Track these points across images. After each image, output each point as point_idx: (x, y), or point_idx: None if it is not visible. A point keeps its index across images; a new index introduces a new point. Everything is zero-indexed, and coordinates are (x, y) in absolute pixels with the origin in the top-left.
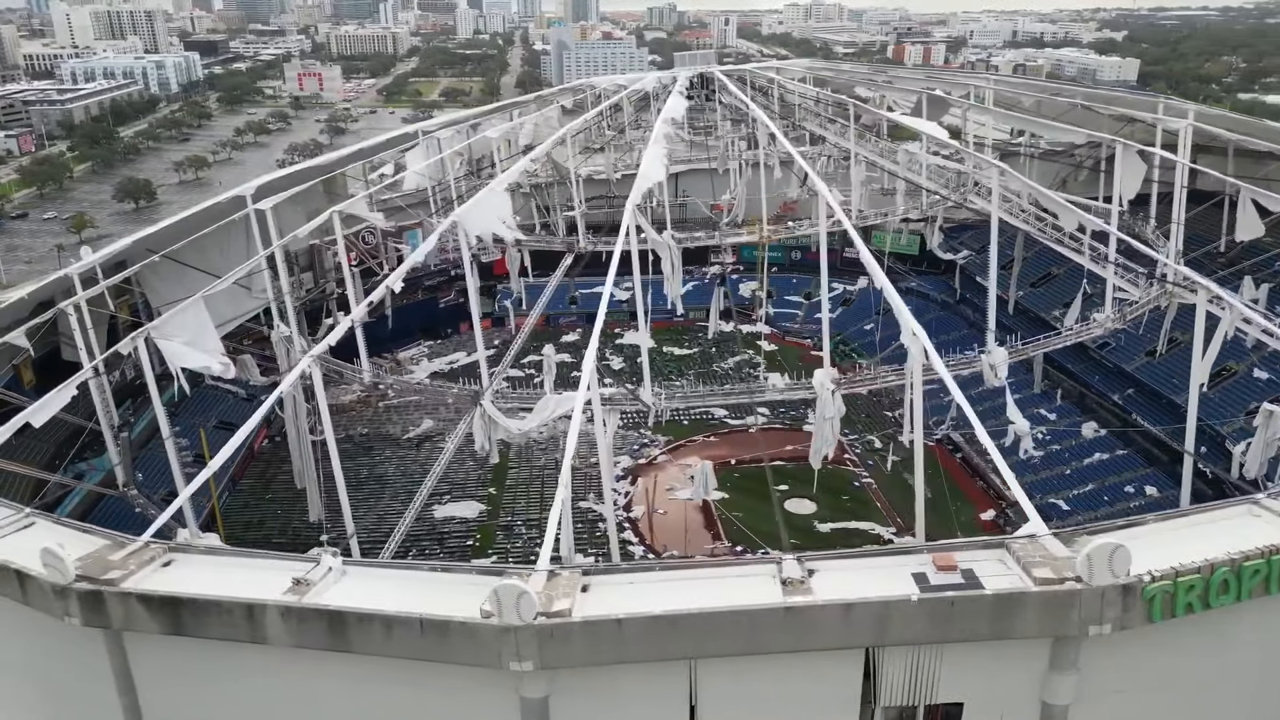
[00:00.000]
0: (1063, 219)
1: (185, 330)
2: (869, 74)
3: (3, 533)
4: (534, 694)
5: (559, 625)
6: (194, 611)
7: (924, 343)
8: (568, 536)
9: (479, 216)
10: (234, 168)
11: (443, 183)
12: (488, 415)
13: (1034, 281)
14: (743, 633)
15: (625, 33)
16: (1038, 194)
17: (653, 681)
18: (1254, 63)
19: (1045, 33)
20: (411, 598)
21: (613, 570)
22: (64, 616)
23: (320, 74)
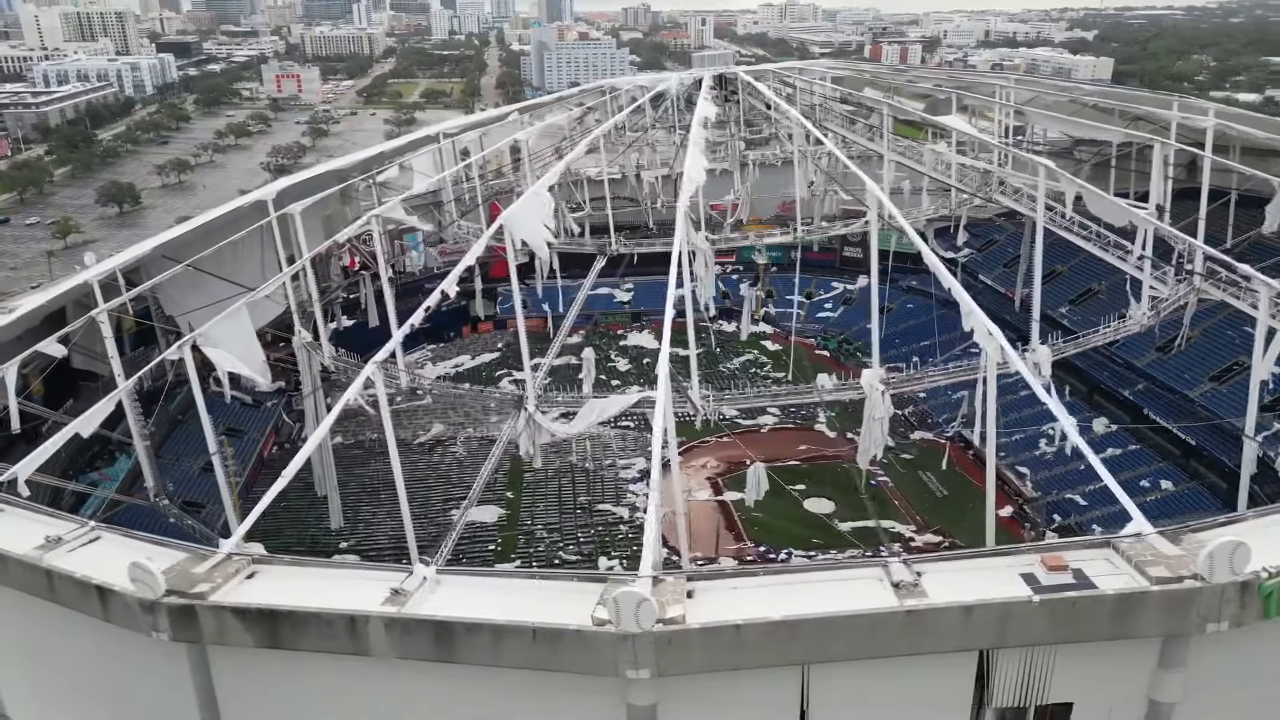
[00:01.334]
0: (1113, 217)
1: (229, 339)
2: (891, 73)
3: (69, 547)
4: (642, 701)
5: (677, 632)
6: (293, 624)
7: (1000, 341)
8: (655, 543)
9: (525, 218)
10: (217, 171)
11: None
12: (533, 420)
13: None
14: (862, 637)
15: (601, 33)
16: (1086, 192)
17: (764, 687)
18: (1223, 61)
19: (1017, 32)
20: (513, 606)
21: (717, 575)
22: (150, 632)
23: (298, 75)
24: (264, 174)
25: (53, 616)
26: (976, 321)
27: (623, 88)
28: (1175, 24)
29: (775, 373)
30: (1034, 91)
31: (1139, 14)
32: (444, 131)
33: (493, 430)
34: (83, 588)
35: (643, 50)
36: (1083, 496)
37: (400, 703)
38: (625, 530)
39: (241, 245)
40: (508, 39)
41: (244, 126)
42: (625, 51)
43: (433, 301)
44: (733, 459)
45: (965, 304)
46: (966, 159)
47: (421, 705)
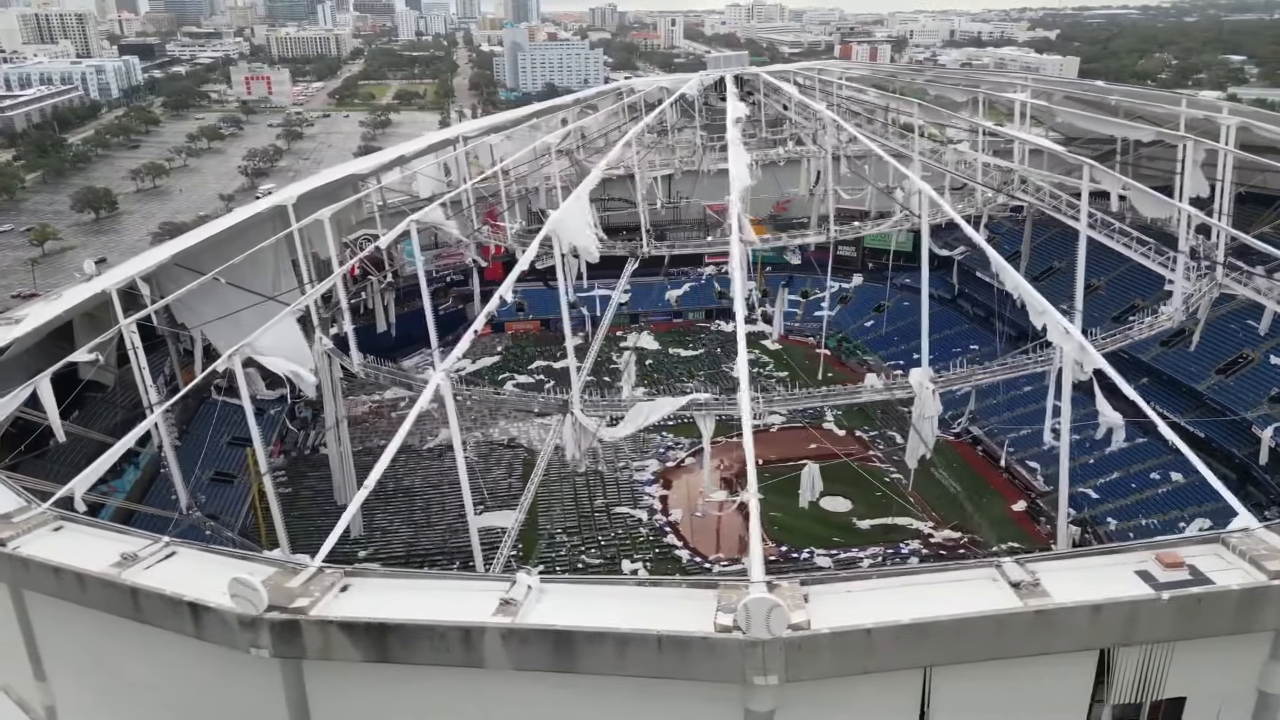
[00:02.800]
0: (1157, 212)
1: (278, 347)
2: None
3: (146, 564)
4: (762, 707)
5: (807, 637)
6: (404, 638)
7: (1078, 339)
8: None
9: (570, 224)
10: (192, 175)
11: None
12: (578, 423)
13: (1037, 275)
14: (990, 638)
15: (570, 34)
16: (1131, 188)
17: (884, 690)
18: (1184, 59)
19: (981, 32)
20: (626, 614)
21: (830, 579)
22: (249, 649)
23: (268, 78)
24: (241, 178)
25: (133, 635)
26: (1050, 320)
27: (641, 89)
28: (1134, 23)
29: (778, 372)
30: (1052, 91)
31: (1096, 13)
32: (463, 134)
33: (501, 434)
34: (173, 605)
35: (613, 51)
36: (1095, 490)
37: (511, 714)
38: (645, 533)
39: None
40: (476, 40)
41: (216, 130)
42: (599, 52)
43: (493, 307)
44: (744, 459)
45: (1037, 303)
46: (989, 158)
47: (532, 716)
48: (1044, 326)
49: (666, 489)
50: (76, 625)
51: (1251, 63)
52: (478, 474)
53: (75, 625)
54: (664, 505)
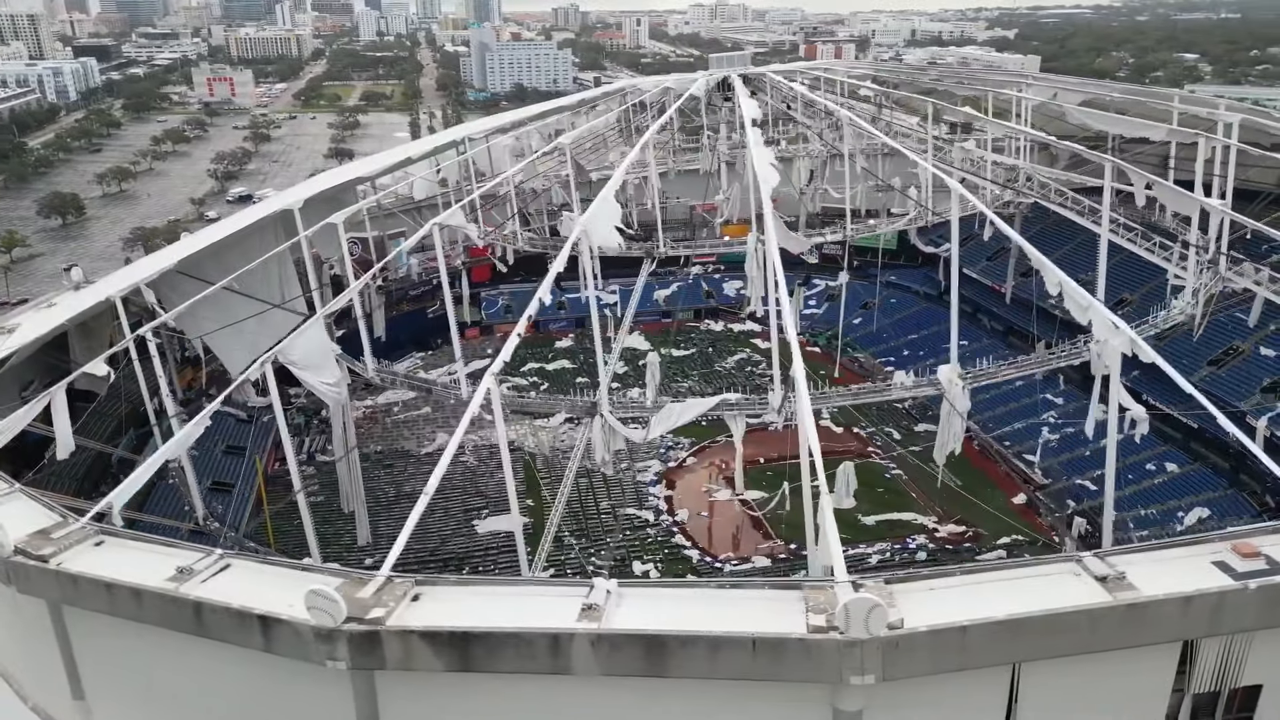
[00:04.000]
0: (1183, 207)
1: (308, 354)
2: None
3: (202, 578)
4: (852, 706)
5: (904, 636)
6: (488, 646)
7: (1129, 334)
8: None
9: (600, 224)
10: (159, 179)
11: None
12: (608, 425)
13: (1023, 272)
14: (1082, 632)
15: (533, 34)
16: (1157, 184)
17: (974, 686)
18: (1140, 58)
19: (942, 31)
20: (712, 617)
21: (913, 578)
22: (325, 661)
23: (231, 79)
24: (210, 180)
25: (191, 650)
26: (1097, 314)
27: (645, 89)
28: (1089, 23)
29: (770, 370)
30: (1054, 88)
31: (1051, 12)
32: (469, 135)
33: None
34: (242, 618)
35: (579, 51)
36: (1092, 481)
37: (591, 719)
38: (653, 534)
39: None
40: (440, 40)
41: (180, 132)
42: (568, 53)
43: (533, 310)
44: (747, 457)
45: (1082, 298)
46: (997, 156)
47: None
48: (1089, 321)
49: (670, 489)
50: (123, 642)
51: (1204, 60)
52: (479, 478)
53: (122, 642)
54: (670, 506)
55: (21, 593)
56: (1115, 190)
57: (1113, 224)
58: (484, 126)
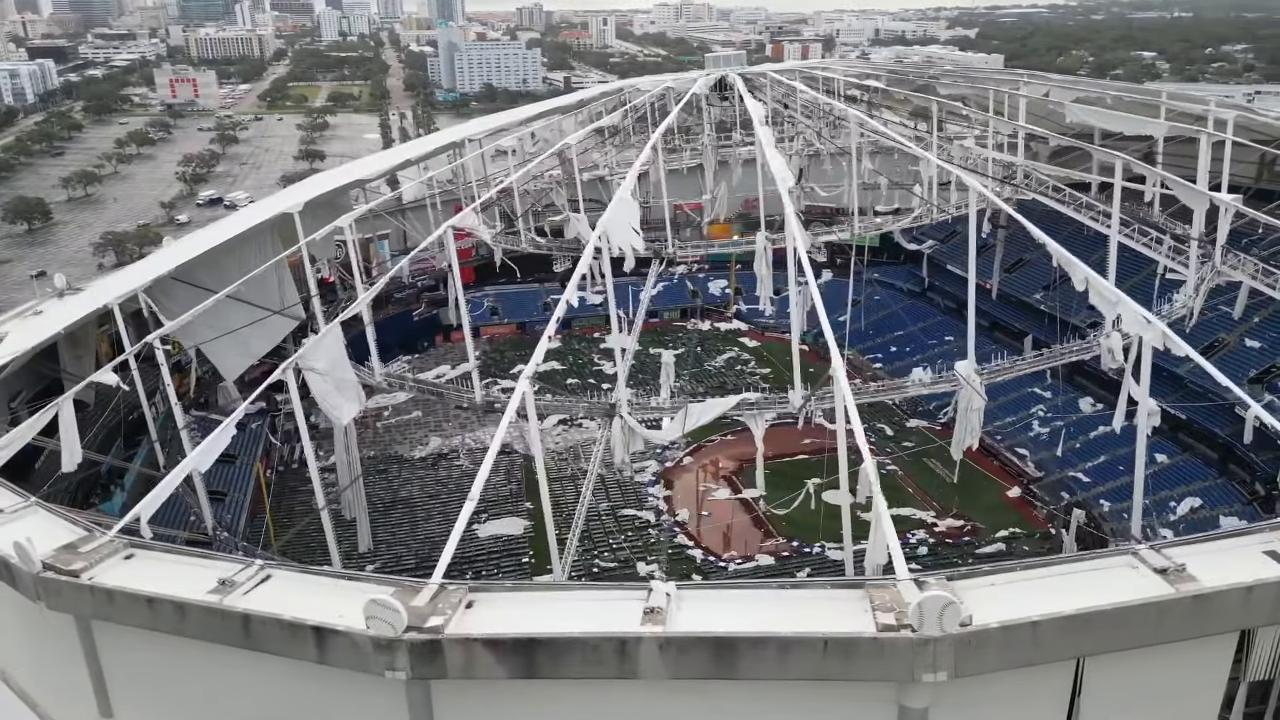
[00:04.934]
0: (1194, 202)
1: (326, 360)
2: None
3: (244, 589)
4: (918, 703)
5: (977, 633)
6: (553, 652)
7: (1161, 328)
8: (896, 546)
9: (619, 224)
10: (125, 182)
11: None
12: (627, 426)
13: (1008, 268)
14: (1149, 625)
15: (498, 33)
16: (1169, 180)
17: (1039, 681)
18: (1099, 56)
19: (905, 31)
20: (775, 617)
21: (974, 574)
22: (384, 672)
23: (194, 80)
24: (179, 184)
25: (235, 663)
26: (1126, 309)
27: (645, 89)
28: (1046, 21)
29: (760, 369)
30: (1047, 86)
31: (1008, 11)
32: (469, 136)
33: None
34: (294, 630)
35: (547, 51)
36: (1085, 474)
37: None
38: (655, 534)
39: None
40: (404, 40)
41: (145, 134)
42: (536, 53)
43: (561, 313)
44: (743, 456)
45: (1110, 293)
46: (997, 154)
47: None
48: (1117, 316)
49: (669, 489)
50: (159, 656)
51: (1162, 58)
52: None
53: (157, 656)
54: (670, 506)
55: (51, 609)
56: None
57: (1105, 218)
58: (483, 128)
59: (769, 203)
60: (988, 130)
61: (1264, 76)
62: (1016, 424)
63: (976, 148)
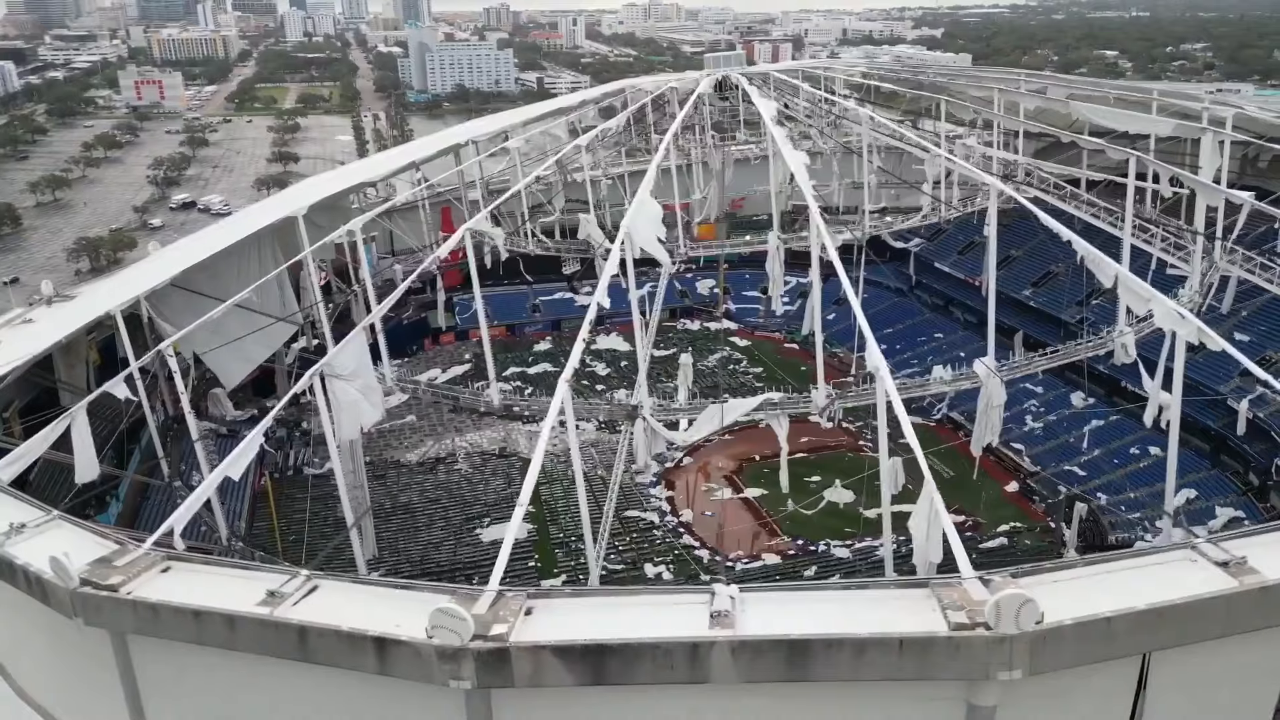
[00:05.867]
0: (1206, 198)
1: (353, 365)
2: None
3: (294, 600)
4: (987, 701)
5: (1053, 630)
6: (624, 658)
7: (1197, 324)
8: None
9: (643, 226)
10: (94, 186)
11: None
12: (649, 428)
13: (996, 264)
14: (1217, 618)
15: (466, 34)
16: (1182, 177)
17: (1105, 677)
18: (1064, 55)
19: (872, 30)
20: (843, 618)
21: (1038, 570)
22: (449, 682)
23: (160, 81)
24: (150, 187)
25: (285, 676)
26: (1158, 305)
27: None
28: (1009, 21)
29: (753, 368)
30: (1043, 84)
31: (971, 11)
32: (473, 137)
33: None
34: (353, 641)
35: (518, 52)
36: (1080, 467)
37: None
38: (660, 535)
39: (248, 267)
40: (371, 40)
41: (112, 138)
42: (509, 53)
43: (593, 315)
44: (743, 455)
45: (1143, 290)
46: (999, 152)
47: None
48: (1148, 312)
49: (670, 490)
50: (201, 671)
51: (1124, 57)
52: (475, 485)
53: (200, 671)
54: (673, 506)
55: (89, 625)
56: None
57: (1106, 214)
58: (487, 128)
59: (758, 203)
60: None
61: (1224, 75)
62: (1009, 419)
63: (979, 146)
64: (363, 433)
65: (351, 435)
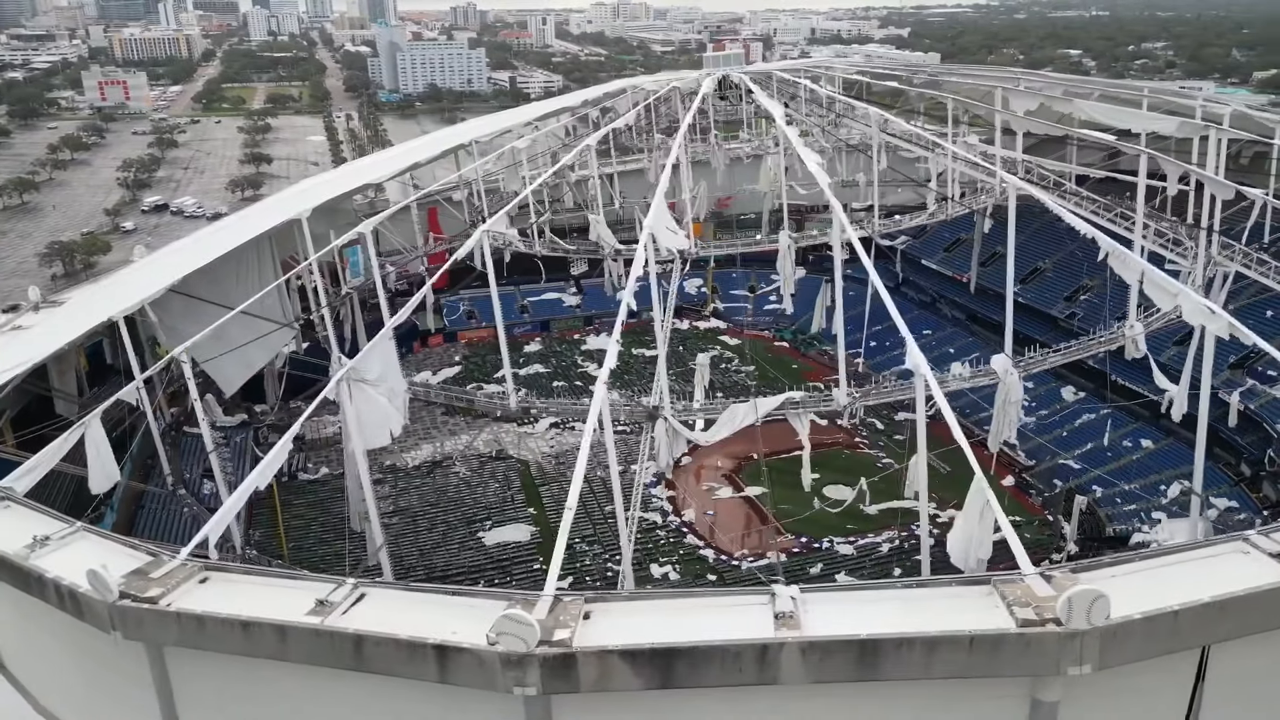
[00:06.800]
0: (1221, 194)
1: (379, 369)
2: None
3: (343, 609)
4: (1051, 696)
5: (1122, 624)
6: (692, 661)
7: (1227, 319)
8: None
9: (663, 224)
10: (62, 189)
11: None
12: (671, 429)
13: (983, 261)
14: (1277, 609)
15: (433, 33)
16: (1198, 174)
17: (1165, 670)
18: (1029, 54)
19: (840, 30)
20: (914, 617)
21: (1097, 565)
22: (513, 689)
23: (125, 82)
24: (120, 189)
25: (333, 686)
26: (1186, 301)
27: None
28: (973, 21)
29: (744, 366)
30: (1042, 82)
31: (935, 11)
32: (476, 138)
33: (486, 446)
34: (413, 649)
35: (488, 51)
36: (1075, 461)
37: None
38: (664, 535)
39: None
40: (337, 39)
41: (78, 139)
42: (481, 52)
43: (624, 316)
44: (740, 454)
45: (1170, 286)
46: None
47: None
48: (1176, 308)
49: (671, 490)
50: (242, 683)
51: (1087, 55)
52: (474, 488)
53: (240, 683)
54: (675, 506)
55: (127, 639)
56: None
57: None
58: (490, 128)
59: (746, 202)
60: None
61: (1185, 73)
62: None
63: (980, 144)
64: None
65: (382, 442)
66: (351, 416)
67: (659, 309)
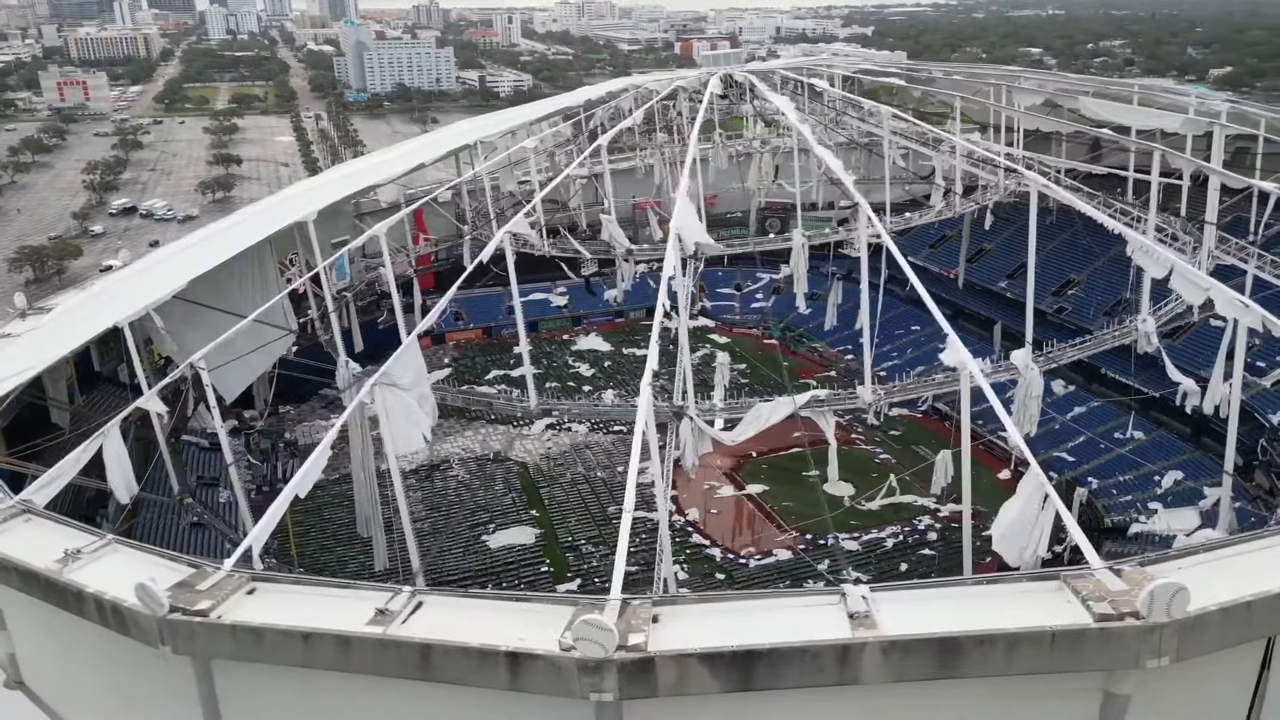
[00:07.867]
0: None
1: (411, 375)
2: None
3: (401, 618)
4: (1123, 689)
5: (1199, 616)
6: (773, 663)
7: (1261, 312)
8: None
9: (690, 223)
10: (25, 192)
11: None
12: (697, 428)
13: (970, 257)
14: None
15: (397, 32)
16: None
17: (1231, 661)
18: (991, 52)
19: (805, 29)
20: (990, 613)
21: (1164, 559)
22: (590, 695)
23: (85, 82)
24: (86, 192)
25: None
26: (1218, 293)
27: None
28: (934, 20)
29: (736, 364)
30: (1041, 80)
31: (895, 10)
32: (480, 139)
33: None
34: (484, 657)
35: (454, 50)
36: (1069, 453)
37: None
38: (670, 535)
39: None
40: (299, 39)
41: (39, 141)
42: (449, 51)
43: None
44: (738, 452)
45: (1200, 280)
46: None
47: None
48: (1206, 300)
49: (673, 490)
50: (295, 695)
51: (1048, 54)
52: (476, 491)
53: (295, 695)
54: (679, 506)
55: (177, 654)
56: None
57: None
58: (495, 128)
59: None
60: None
61: (1144, 70)
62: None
63: (985, 142)
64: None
65: (415, 446)
66: (384, 422)
67: (685, 306)
